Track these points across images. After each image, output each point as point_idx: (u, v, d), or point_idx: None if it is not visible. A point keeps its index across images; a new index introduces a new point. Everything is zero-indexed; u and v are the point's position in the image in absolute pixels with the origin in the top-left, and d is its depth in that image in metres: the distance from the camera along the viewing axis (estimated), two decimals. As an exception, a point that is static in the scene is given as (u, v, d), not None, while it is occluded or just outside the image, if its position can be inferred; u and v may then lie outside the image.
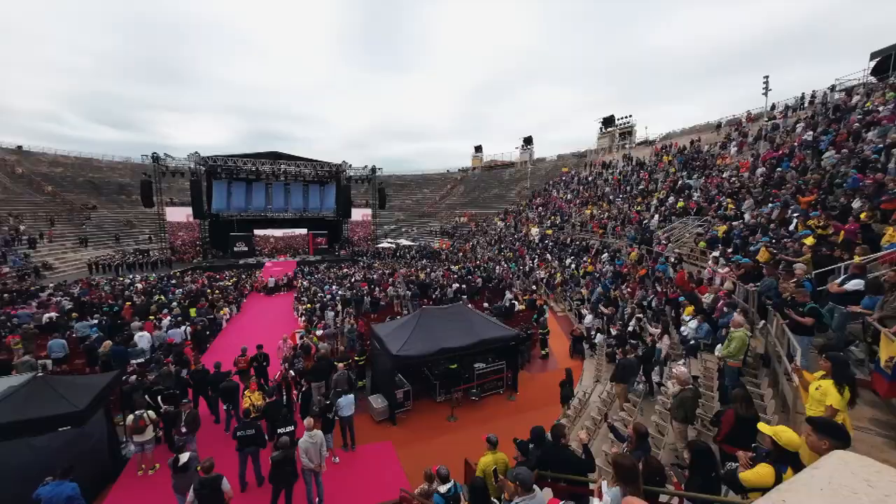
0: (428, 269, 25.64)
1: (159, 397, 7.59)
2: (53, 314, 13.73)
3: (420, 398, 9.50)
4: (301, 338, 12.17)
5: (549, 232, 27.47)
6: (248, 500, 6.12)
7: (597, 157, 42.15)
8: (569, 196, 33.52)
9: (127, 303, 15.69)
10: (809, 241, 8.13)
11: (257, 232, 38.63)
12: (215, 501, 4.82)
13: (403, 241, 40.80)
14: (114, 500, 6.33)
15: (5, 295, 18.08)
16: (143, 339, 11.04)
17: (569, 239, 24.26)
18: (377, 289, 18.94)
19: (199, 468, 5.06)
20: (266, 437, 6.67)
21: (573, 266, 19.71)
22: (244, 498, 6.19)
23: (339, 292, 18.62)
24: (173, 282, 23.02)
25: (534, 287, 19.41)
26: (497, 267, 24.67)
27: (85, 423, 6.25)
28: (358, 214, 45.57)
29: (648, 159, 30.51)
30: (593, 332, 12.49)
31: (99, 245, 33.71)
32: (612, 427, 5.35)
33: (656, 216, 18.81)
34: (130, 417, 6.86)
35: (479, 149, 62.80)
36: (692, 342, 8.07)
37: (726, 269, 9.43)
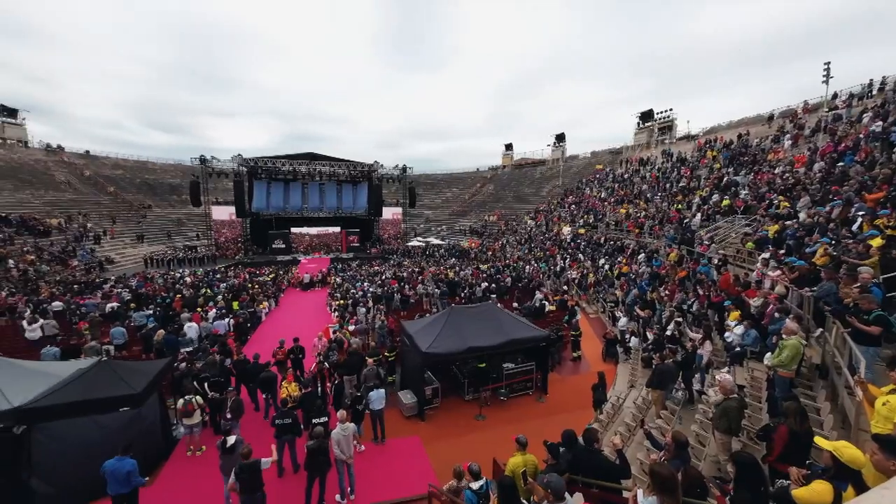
0: (457, 268, 25.69)
1: (206, 384, 8.11)
2: (115, 304, 15.01)
3: (448, 396, 9.56)
4: (334, 332, 12.60)
5: (582, 231, 26.71)
6: (286, 485, 6.41)
7: (633, 154, 40.44)
8: (603, 194, 32.42)
9: (177, 295, 16.87)
10: (877, 242, 7.38)
11: (294, 230, 40.29)
12: (255, 484, 5.11)
13: (433, 240, 41.10)
14: (166, 477, 6.85)
15: (75, 286, 20.00)
16: (191, 329, 11.86)
17: (602, 238, 23.48)
18: (407, 286, 19.22)
19: (242, 452, 5.38)
20: (302, 427, 6.97)
21: (607, 266, 19.06)
22: (282, 483, 6.51)
23: (371, 289, 19.07)
24: (218, 276, 24.49)
25: (565, 287, 18.97)
26: (527, 266, 24.32)
27: (142, 405, 6.81)
28: (388, 213, 46.37)
29: (690, 155, 28.91)
30: (628, 336, 12.04)
31: (153, 241, 36.44)
32: (648, 434, 5.14)
33: (698, 215, 17.79)
34: (180, 401, 7.39)
35: (509, 147, 62.06)
36: (737, 349, 7.60)
37: (777, 271, 8.77)
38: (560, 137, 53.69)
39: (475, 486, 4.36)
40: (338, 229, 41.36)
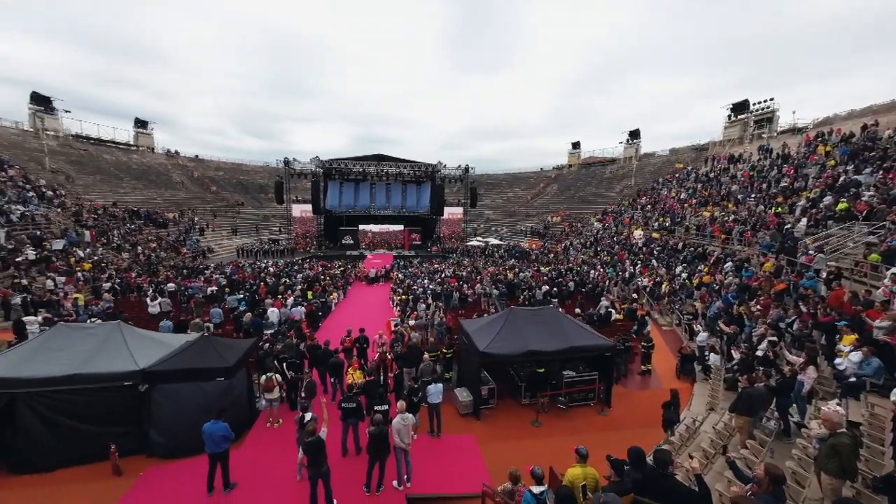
0: (516, 269, 25.25)
1: (284, 364, 9.01)
2: (213, 288, 17.31)
3: (504, 397, 9.48)
4: (395, 326, 13.18)
5: (657, 235, 24.58)
6: (349, 465, 6.88)
7: (722, 150, 36.13)
8: (682, 195, 29.47)
9: (262, 283, 18.92)
10: None
11: (361, 227, 42.86)
12: (320, 459, 5.58)
13: (492, 240, 40.83)
14: (250, 442, 7.75)
15: (184, 270, 23.44)
16: (273, 314, 13.25)
17: (681, 244, 21.37)
18: (465, 285, 19.37)
19: (308, 429, 5.88)
20: (364, 412, 7.42)
21: (685, 275, 17.33)
22: (345, 462, 7.00)
23: (430, 287, 19.56)
24: (295, 268, 26.97)
25: (634, 295, 17.64)
26: (592, 271, 23.05)
27: (233, 377, 7.78)
28: (449, 213, 47.10)
29: (795, 151, 25.01)
30: (707, 352, 10.84)
31: (244, 234, 41.28)
32: (731, 464, 4.59)
33: (804, 220, 15.33)
34: (263, 377, 8.32)
35: (576, 145, 59.26)
36: (853, 379, 6.45)
37: (913, 290, 7.26)
38: (634, 134, 49.95)
39: (536, 490, 4.29)
40: (400, 227, 43.04)
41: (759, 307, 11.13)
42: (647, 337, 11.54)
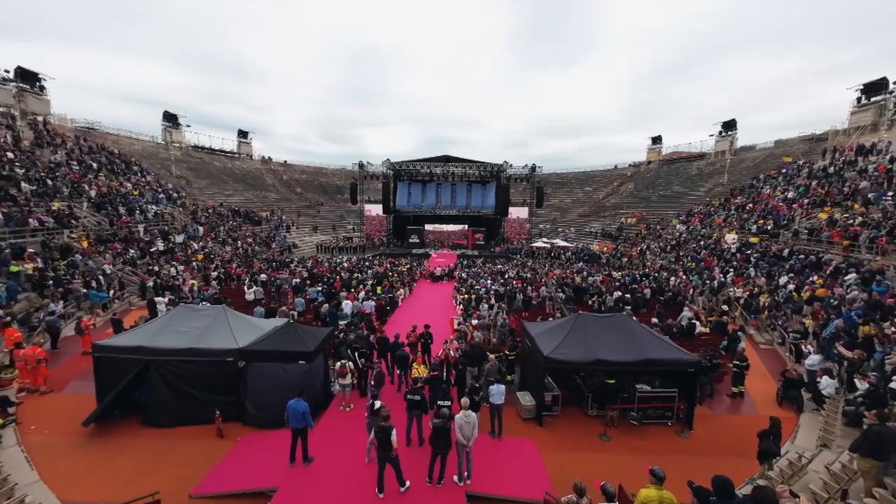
0: (584, 273, 23.97)
1: (356, 353, 9.69)
2: (297, 280, 19.22)
3: (569, 406, 9.10)
4: (458, 324, 13.38)
5: (755, 240, 21.52)
6: (412, 454, 7.18)
7: (847, 140, 30.28)
8: (790, 193, 25.37)
9: (338, 277, 20.52)
10: None
11: (427, 227, 44.20)
12: (387, 446, 5.91)
13: (559, 242, 39.23)
14: (325, 423, 8.47)
15: (273, 263, 26.37)
16: (347, 306, 14.31)
17: (786, 250, 18.45)
18: (530, 287, 18.92)
19: (382, 415, 6.28)
20: (428, 405, 7.67)
21: (791, 286, 14.92)
22: (409, 452, 7.30)
23: (493, 287, 19.47)
24: (366, 264, 28.76)
25: (724, 307, 15.68)
26: (672, 278, 20.98)
27: (312, 361, 8.57)
28: (514, 212, 46.32)
29: (957, 137, 20.04)
30: (819, 378, 9.22)
31: (323, 232, 45.07)
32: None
33: (967, 224, 12.27)
34: (338, 364, 9.04)
35: (656, 140, 54.28)
36: None
37: None
38: (728, 125, 44.20)
39: (604, 506, 4.09)
40: (464, 227, 43.47)
41: (894, 329, 9.18)
42: (741, 355, 10.18)
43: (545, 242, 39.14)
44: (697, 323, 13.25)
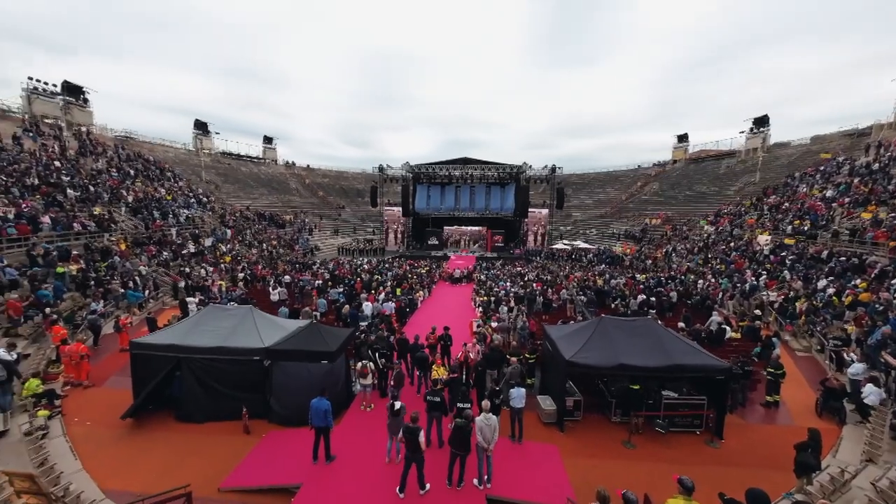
0: (607, 275, 23.42)
1: (377, 354, 9.81)
2: (319, 282, 19.65)
3: (591, 411, 8.90)
4: (478, 327, 13.34)
5: (790, 241, 20.47)
6: (431, 456, 7.16)
7: (893, 135, 28.42)
8: (829, 192, 24.01)
9: (358, 278, 20.85)
10: None
11: (446, 229, 44.32)
12: (415, 446, 5.97)
13: (580, 244, 38.50)
14: (346, 422, 8.61)
15: (296, 265, 27.07)
16: (367, 307, 14.51)
17: (826, 252, 17.45)
18: (550, 290, 18.65)
19: (412, 416, 6.35)
20: (448, 407, 7.68)
21: (831, 290, 14.11)
22: (428, 453, 7.25)
23: (513, 290, 19.30)
24: (386, 266, 29.10)
25: (757, 312, 14.97)
26: (700, 280, 20.21)
27: (334, 361, 8.74)
28: (534, 214, 45.85)
29: None
30: (863, 389, 8.65)
31: (344, 235, 45.94)
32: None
33: None
34: (359, 364, 9.17)
35: (682, 138, 52.58)
36: None
37: None
38: (760, 121, 42.36)
39: (625, 514, 3.99)
40: (483, 229, 43.29)
41: (949, 337, 8.52)
42: (776, 362, 9.68)
43: (565, 244, 38.50)
44: (728, 328, 12.71)
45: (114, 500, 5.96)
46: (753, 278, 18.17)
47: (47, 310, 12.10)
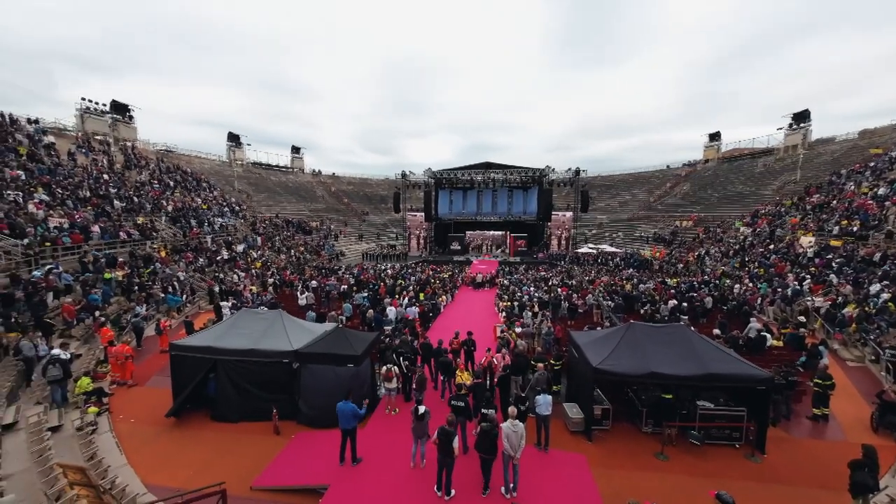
0: (635, 280, 22.67)
1: (401, 358, 9.89)
2: (344, 286, 20.06)
3: (620, 420, 8.60)
4: (501, 332, 13.21)
5: (837, 243, 19.15)
6: (457, 462, 7.16)
7: (955, 126, 26.16)
8: (881, 190, 22.32)
9: (382, 283, 21.14)
10: None
11: (468, 233, 44.32)
12: (448, 449, 6.00)
13: (606, 247, 37.49)
14: (372, 426, 8.71)
15: (323, 270, 27.76)
16: (391, 312, 14.69)
17: (878, 254, 16.22)
18: (576, 295, 18.25)
19: (448, 420, 6.34)
20: (472, 412, 7.64)
21: (886, 296, 13.07)
22: (453, 458, 7.31)
23: (537, 294, 19.01)
24: (409, 270, 29.37)
25: (801, 318, 14.05)
26: (737, 285, 19.21)
27: (360, 365, 8.88)
28: (558, 218, 45.13)
29: None
30: (928, 404, 7.94)
31: (369, 240, 46.79)
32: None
33: None
34: (384, 368, 9.29)
35: (714, 136, 50.51)
36: None
37: None
38: (800, 116, 40.09)
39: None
40: (506, 233, 42.98)
41: None
42: (824, 373, 9.04)
43: (591, 248, 37.60)
44: (768, 335, 12.00)
45: (155, 495, 6.28)
46: (796, 282, 17.10)
47: (96, 313, 12.99)
